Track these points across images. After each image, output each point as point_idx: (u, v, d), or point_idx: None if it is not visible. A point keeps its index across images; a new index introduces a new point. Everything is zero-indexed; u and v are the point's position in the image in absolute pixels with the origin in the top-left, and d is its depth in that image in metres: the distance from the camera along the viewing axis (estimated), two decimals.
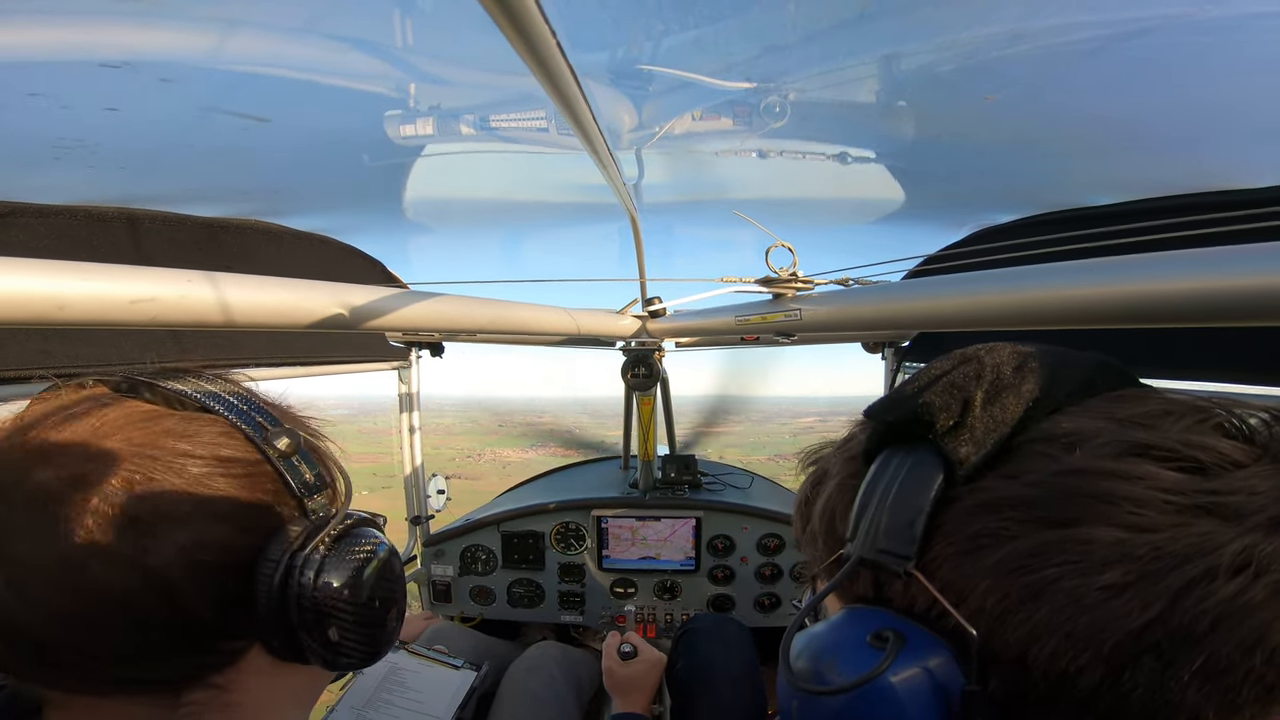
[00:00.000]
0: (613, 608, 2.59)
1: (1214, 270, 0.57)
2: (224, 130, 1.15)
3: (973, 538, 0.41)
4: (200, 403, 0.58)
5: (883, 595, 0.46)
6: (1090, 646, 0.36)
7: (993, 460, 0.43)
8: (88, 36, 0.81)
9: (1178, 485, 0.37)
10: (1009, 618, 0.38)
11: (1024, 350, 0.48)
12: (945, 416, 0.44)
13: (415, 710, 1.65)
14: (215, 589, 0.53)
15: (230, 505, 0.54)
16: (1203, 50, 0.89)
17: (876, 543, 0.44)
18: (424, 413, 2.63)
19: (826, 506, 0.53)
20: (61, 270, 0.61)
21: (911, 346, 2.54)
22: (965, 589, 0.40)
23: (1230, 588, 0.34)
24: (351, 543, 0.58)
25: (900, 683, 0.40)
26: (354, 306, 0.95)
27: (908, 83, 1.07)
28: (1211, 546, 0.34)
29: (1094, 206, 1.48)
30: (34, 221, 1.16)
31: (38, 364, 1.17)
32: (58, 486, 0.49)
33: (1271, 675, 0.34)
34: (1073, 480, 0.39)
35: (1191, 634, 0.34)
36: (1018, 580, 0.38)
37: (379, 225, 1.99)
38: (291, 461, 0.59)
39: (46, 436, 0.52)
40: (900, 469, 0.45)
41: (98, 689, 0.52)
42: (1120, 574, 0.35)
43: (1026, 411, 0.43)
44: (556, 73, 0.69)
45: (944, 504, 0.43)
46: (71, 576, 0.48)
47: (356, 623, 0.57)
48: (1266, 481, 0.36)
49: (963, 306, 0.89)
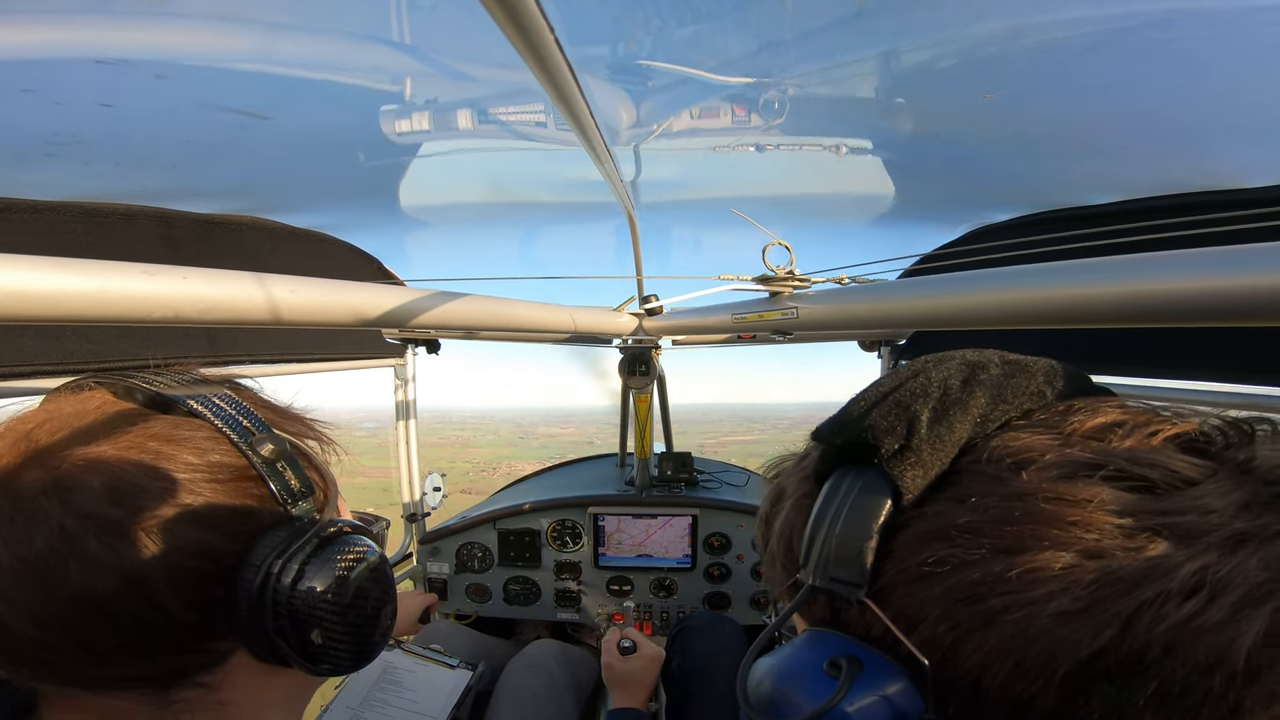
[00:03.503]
0: (609, 605, 2.59)
1: (1212, 270, 0.57)
2: (219, 126, 1.15)
3: (922, 565, 0.40)
4: (188, 407, 0.58)
5: (840, 619, 0.46)
6: (1042, 675, 0.35)
7: (941, 482, 0.42)
8: (82, 33, 0.81)
9: (1127, 507, 0.36)
10: (961, 646, 0.38)
11: (973, 360, 0.48)
12: (890, 440, 0.43)
13: (411, 709, 1.65)
14: (197, 593, 0.53)
15: (213, 510, 0.55)
16: (1201, 47, 0.89)
17: (828, 570, 0.43)
18: (445, 425, 2.63)
19: (784, 527, 0.53)
20: (56, 267, 0.61)
21: (908, 345, 2.55)
22: (917, 617, 0.40)
23: (1182, 611, 0.33)
24: (335, 550, 0.59)
25: (857, 712, 0.39)
26: (350, 303, 0.95)
27: (905, 79, 1.07)
28: (1163, 570, 0.34)
29: (1091, 205, 1.48)
30: (29, 218, 1.16)
31: (30, 361, 1.16)
32: (40, 488, 0.50)
33: (1233, 695, 0.33)
34: (1020, 505, 0.38)
35: (1144, 659, 0.33)
36: (967, 609, 0.38)
37: (375, 222, 1.98)
38: (276, 468, 0.59)
39: (38, 438, 0.53)
40: (849, 494, 0.44)
41: (84, 684, 0.53)
42: (1069, 601, 0.35)
43: (974, 429, 0.43)
44: (554, 68, 0.69)
45: (894, 530, 0.42)
46: (47, 577, 0.48)
47: (339, 630, 0.58)
48: (1221, 499, 0.35)
49: (959, 305, 0.89)
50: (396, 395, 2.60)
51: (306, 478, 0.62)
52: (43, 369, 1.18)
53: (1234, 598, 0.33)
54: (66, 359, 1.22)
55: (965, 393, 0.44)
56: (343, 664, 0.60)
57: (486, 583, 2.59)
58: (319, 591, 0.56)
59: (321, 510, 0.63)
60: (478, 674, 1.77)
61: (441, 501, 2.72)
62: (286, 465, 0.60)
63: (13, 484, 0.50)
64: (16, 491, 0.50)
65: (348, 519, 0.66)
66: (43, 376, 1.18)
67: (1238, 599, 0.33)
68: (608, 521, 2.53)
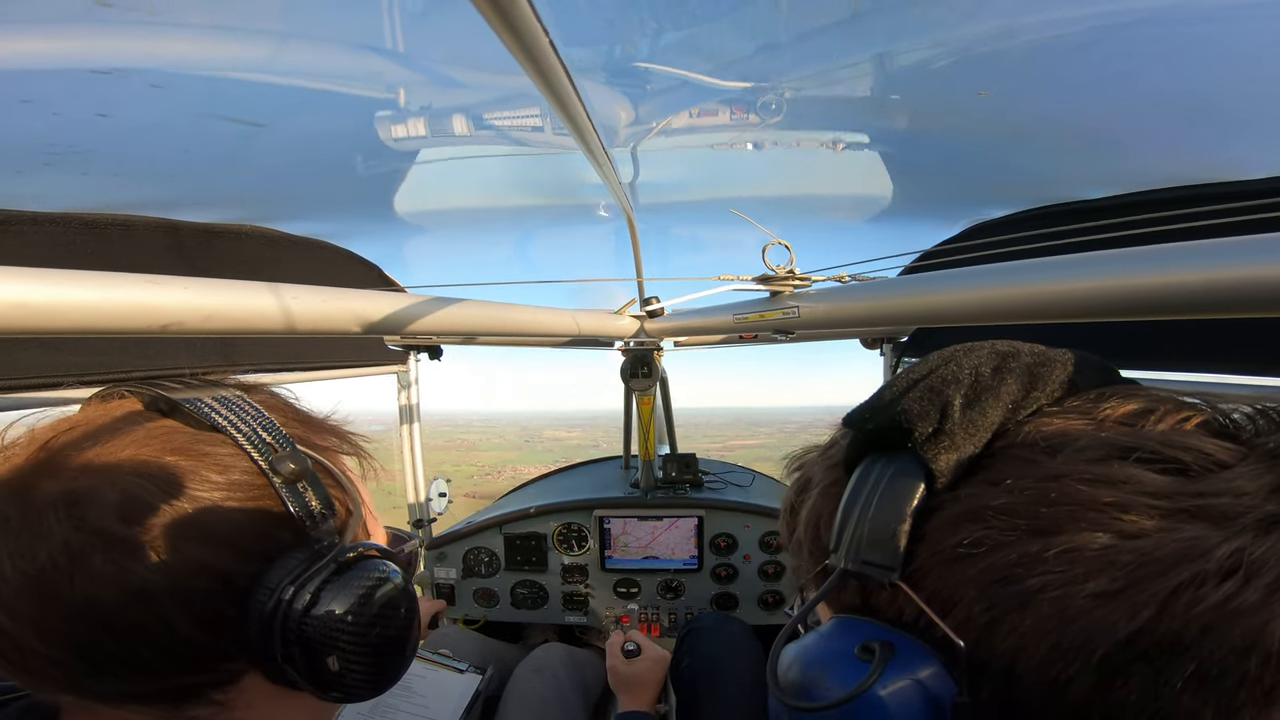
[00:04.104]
0: (616, 608, 2.59)
1: (1212, 262, 0.57)
2: (217, 136, 1.15)
3: (957, 547, 0.40)
4: (212, 420, 0.57)
5: (870, 605, 0.46)
6: (1079, 656, 0.35)
7: (974, 466, 0.42)
8: (77, 43, 0.81)
9: (1162, 489, 0.36)
10: (996, 628, 0.38)
11: (1003, 349, 0.48)
12: (924, 424, 0.44)
13: (420, 715, 1.65)
14: (206, 612, 0.52)
15: (228, 530, 0.53)
16: (1197, 41, 0.89)
17: (860, 554, 0.43)
18: (451, 428, 2.64)
19: (811, 515, 0.53)
20: (58, 279, 0.61)
21: (910, 342, 2.54)
22: (951, 599, 0.40)
23: (1220, 593, 0.33)
24: (353, 576, 0.57)
25: (890, 695, 0.39)
26: (352, 311, 0.95)
27: (901, 78, 1.07)
28: (1199, 551, 0.34)
29: (1089, 200, 1.48)
30: (29, 229, 1.16)
31: (33, 374, 1.17)
32: (50, 500, 0.49)
33: (1269, 678, 0.33)
34: (1055, 486, 0.38)
35: (1182, 641, 0.33)
36: (1003, 590, 0.38)
37: (375, 229, 1.99)
38: (297, 488, 0.57)
39: (56, 446, 0.53)
40: (881, 478, 0.44)
41: (95, 697, 0.52)
42: (1107, 581, 0.35)
43: (1006, 414, 0.43)
44: (549, 71, 0.69)
45: (927, 513, 0.42)
46: (50, 589, 0.48)
47: (352, 659, 0.56)
48: (1253, 482, 0.36)
49: (959, 301, 0.89)
50: (399, 401, 2.61)
51: (329, 497, 0.59)
52: (46, 381, 1.18)
53: (1268, 579, 0.33)
54: (69, 370, 1.22)
55: (997, 379, 0.45)
56: (354, 692, 0.58)
57: (493, 587, 2.59)
58: (332, 618, 0.54)
59: (342, 532, 0.61)
60: (486, 678, 1.77)
61: (447, 507, 2.73)
62: (308, 485, 0.58)
63: (24, 493, 0.50)
64: (27, 501, 0.49)
65: (371, 541, 0.63)
66: (46, 389, 1.18)
67: (1272, 580, 0.33)
68: (613, 524, 2.52)
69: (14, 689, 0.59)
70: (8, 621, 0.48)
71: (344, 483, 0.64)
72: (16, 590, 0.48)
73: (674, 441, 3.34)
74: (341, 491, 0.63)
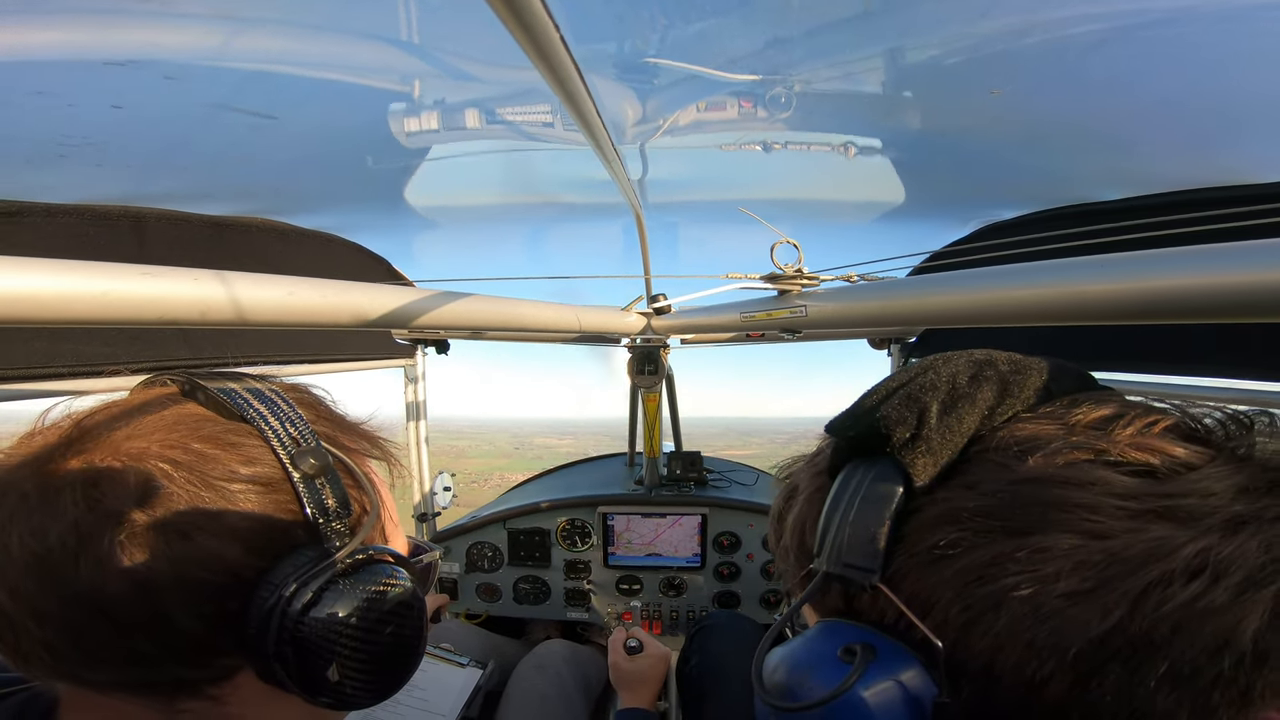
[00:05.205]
0: (618, 604, 2.59)
1: (1228, 266, 0.56)
2: (229, 128, 1.15)
3: (933, 549, 0.41)
4: (241, 412, 0.56)
5: (854, 608, 0.47)
6: (1054, 655, 0.36)
7: (951, 470, 0.43)
8: (92, 35, 0.81)
9: (1130, 490, 0.37)
10: (973, 628, 0.39)
11: (979, 359, 0.49)
12: (902, 429, 0.45)
13: (421, 708, 1.65)
14: (209, 605, 0.51)
15: (242, 523, 0.52)
16: (1214, 42, 0.88)
17: (842, 557, 0.44)
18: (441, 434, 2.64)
19: (797, 521, 0.54)
20: (70, 270, 0.61)
21: (918, 343, 2.53)
22: (930, 600, 0.41)
23: (1187, 592, 0.33)
24: (360, 578, 0.55)
25: (871, 696, 0.40)
26: (360, 304, 0.95)
27: (913, 76, 1.07)
28: (1165, 551, 0.34)
29: (1102, 202, 1.47)
30: (41, 221, 1.17)
31: (42, 364, 1.17)
32: (69, 480, 0.49)
33: (1244, 679, 0.33)
34: (1027, 488, 0.39)
35: (1153, 640, 0.34)
36: (978, 590, 0.39)
37: (384, 223, 1.99)
38: (315, 484, 0.56)
39: (90, 427, 0.53)
40: (862, 483, 0.46)
41: (90, 684, 0.52)
42: (1078, 581, 0.35)
43: (982, 420, 0.44)
44: (560, 66, 0.69)
45: (905, 516, 0.43)
46: (55, 572, 0.47)
47: (347, 665, 0.54)
48: (1220, 483, 0.36)
49: (969, 302, 0.88)
50: (406, 396, 2.61)
51: (346, 497, 0.58)
52: (55, 371, 1.19)
53: (1236, 579, 0.33)
54: (80, 361, 1.23)
55: (973, 387, 0.46)
56: (346, 701, 0.55)
57: (496, 582, 2.60)
58: (330, 620, 0.52)
59: (355, 532, 0.58)
60: (488, 673, 1.78)
61: (451, 501, 2.74)
62: (326, 482, 0.56)
63: (47, 473, 0.49)
64: (46, 481, 0.49)
65: (388, 546, 0.61)
66: (55, 379, 1.19)
67: (1240, 581, 0.33)
68: (617, 521, 2.53)
69: (16, 681, 0.59)
70: (7, 601, 0.48)
71: (364, 484, 0.62)
72: (23, 569, 0.47)
73: (679, 439, 3.34)
74: (360, 492, 0.61)
